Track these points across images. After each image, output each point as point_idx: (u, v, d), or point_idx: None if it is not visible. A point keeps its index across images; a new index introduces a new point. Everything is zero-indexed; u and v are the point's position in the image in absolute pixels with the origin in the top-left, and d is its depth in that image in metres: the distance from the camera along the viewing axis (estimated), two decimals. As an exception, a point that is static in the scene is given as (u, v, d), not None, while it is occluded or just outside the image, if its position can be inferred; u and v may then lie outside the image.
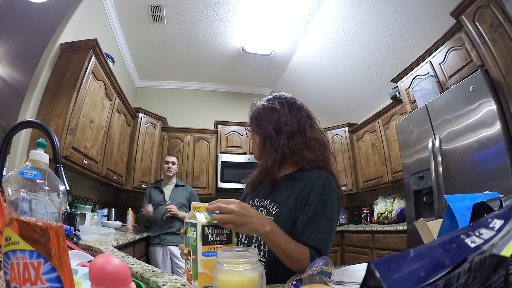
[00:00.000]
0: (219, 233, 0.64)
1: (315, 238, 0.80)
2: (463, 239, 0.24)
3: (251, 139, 1.04)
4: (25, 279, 0.38)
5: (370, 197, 3.75)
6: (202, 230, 0.62)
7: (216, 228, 0.64)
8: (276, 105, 0.96)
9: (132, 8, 3.07)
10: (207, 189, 3.87)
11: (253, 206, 0.98)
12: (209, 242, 0.62)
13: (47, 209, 0.42)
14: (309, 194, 0.86)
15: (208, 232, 0.63)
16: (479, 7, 1.95)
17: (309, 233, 0.81)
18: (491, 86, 1.82)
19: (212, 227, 0.64)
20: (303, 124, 0.94)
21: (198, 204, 0.69)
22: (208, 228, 0.63)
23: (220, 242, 0.64)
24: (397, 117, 3.05)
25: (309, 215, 0.83)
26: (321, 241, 0.81)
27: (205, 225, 0.63)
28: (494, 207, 0.50)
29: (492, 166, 1.74)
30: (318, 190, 0.86)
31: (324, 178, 0.88)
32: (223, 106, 4.69)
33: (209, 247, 0.62)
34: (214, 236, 0.64)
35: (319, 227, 0.82)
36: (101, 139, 2.60)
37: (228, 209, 0.67)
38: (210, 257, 0.61)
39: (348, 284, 0.64)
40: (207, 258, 0.61)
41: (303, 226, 0.83)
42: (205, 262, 0.61)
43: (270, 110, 0.96)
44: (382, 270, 0.20)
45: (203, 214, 0.66)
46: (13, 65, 3.86)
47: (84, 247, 1.57)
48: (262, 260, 0.86)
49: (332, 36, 3.29)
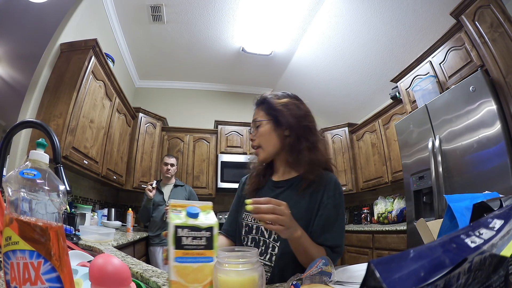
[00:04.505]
0: (196, 236, 0.54)
1: (331, 238, 0.86)
2: (463, 239, 0.24)
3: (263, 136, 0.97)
4: (25, 279, 0.38)
5: (370, 197, 3.75)
6: (175, 231, 0.52)
7: (193, 230, 0.54)
8: (297, 102, 0.98)
9: (132, 8, 3.07)
10: (207, 189, 3.87)
11: None
12: (183, 246, 0.52)
13: (47, 209, 0.42)
14: (323, 196, 0.90)
15: (182, 234, 0.53)
16: (479, 7, 1.95)
17: (327, 234, 0.86)
18: (491, 86, 1.82)
19: (188, 228, 0.53)
20: (309, 126, 0.96)
21: (177, 202, 0.59)
22: (183, 229, 0.53)
23: (197, 247, 0.53)
24: (397, 117, 3.05)
25: (325, 218, 0.87)
26: (337, 240, 0.87)
27: (179, 226, 0.53)
28: (494, 207, 0.50)
29: (492, 166, 1.74)
30: (331, 193, 0.90)
31: (334, 181, 0.92)
32: (223, 106, 4.69)
33: (183, 252, 0.52)
34: (190, 240, 0.53)
35: (335, 228, 0.87)
36: (101, 139, 2.60)
37: (282, 211, 0.67)
38: (185, 264, 0.52)
39: (348, 284, 0.64)
40: (180, 265, 0.51)
41: (320, 228, 0.87)
42: (179, 269, 0.51)
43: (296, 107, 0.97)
44: (382, 270, 0.20)
45: (180, 214, 0.56)
46: (13, 65, 3.86)
47: (84, 247, 1.56)
48: (268, 264, 0.89)
49: (332, 36, 3.29)
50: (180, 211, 0.57)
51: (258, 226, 0.95)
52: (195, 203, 0.59)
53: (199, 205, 0.59)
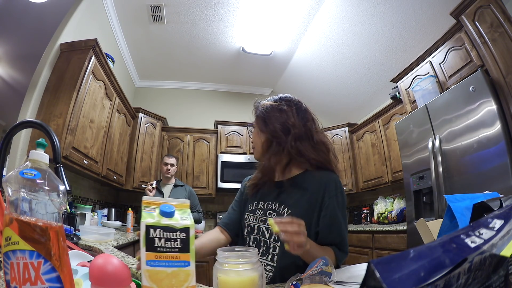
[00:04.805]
0: (171, 238, 0.48)
1: (337, 237, 0.89)
2: (463, 239, 0.24)
3: (253, 138, 1.04)
4: (25, 279, 0.38)
5: (370, 197, 3.75)
6: (147, 231, 0.47)
7: (166, 231, 0.48)
8: (284, 106, 0.97)
9: (132, 8, 3.07)
10: (207, 189, 3.87)
11: (259, 209, 0.99)
12: (156, 249, 0.47)
13: (47, 209, 0.42)
14: (323, 197, 0.90)
15: (155, 235, 0.48)
16: (479, 7, 1.95)
17: (333, 235, 0.89)
18: (491, 86, 1.82)
19: (161, 229, 0.48)
20: (309, 127, 0.97)
21: (151, 199, 0.53)
22: (155, 230, 0.48)
23: (172, 250, 0.48)
24: (397, 117, 3.04)
25: (329, 218, 0.89)
26: (343, 239, 0.90)
27: (151, 226, 0.48)
28: (494, 207, 0.50)
29: (492, 166, 1.74)
30: (332, 193, 0.90)
31: (335, 180, 0.93)
32: (223, 106, 4.69)
33: (155, 254, 0.47)
34: (163, 241, 0.48)
35: (340, 227, 0.89)
36: (101, 139, 2.60)
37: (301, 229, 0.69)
38: (158, 268, 0.47)
39: (348, 284, 0.64)
40: (153, 269, 0.47)
41: (327, 228, 0.89)
42: (151, 274, 0.46)
43: (278, 110, 0.96)
44: (382, 270, 0.20)
45: (153, 212, 0.51)
46: (13, 65, 3.86)
47: (84, 247, 1.56)
48: (271, 264, 0.90)
49: (332, 36, 3.29)
50: (154, 209, 0.52)
51: (260, 227, 0.96)
52: (170, 200, 0.54)
53: (175, 203, 0.54)
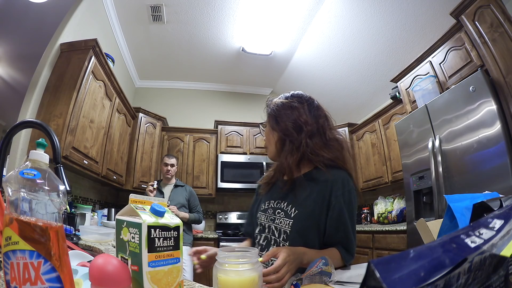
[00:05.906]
0: (166, 237, 0.50)
1: (344, 237, 0.88)
2: (463, 239, 0.24)
3: (266, 137, 1.03)
4: (25, 279, 0.38)
5: (370, 197, 3.75)
6: (148, 232, 0.47)
7: (163, 230, 0.50)
8: (295, 103, 0.96)
9: (132, 8, 3.07)
10: (207, 189, 3.87)
11: (270, 208, 0.98)
12: (156, 249, 0.48)
13: (47, 209, 0.42)
14: (330, 196, 0.88)
15: (155, 235, 0.48)
16: (479, 7, 1.95)
17: (340, 235, 0.88)
18: (491, 86, 1.82)
19: (159, 228, 0.49)
20: (322, 124, 0.96)
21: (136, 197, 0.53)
22: (155, 230, 0.48)
23: (167, 248, 0.50)
24: (397, 117, 3.04)
25: (336, 218, 0.87)
26: (349, 240, 0.88)
27: (152, 226, 0.48)
28: (494, 207, 0.50)
29: (492, 166, 1.74)
30: (339, 192, 0.88)
31: (342, 178, 0.90)
32: (223, 106, 4.69)
33: (156, 254, 0.47)
34: (161, 241, 0.49)
35: (347, 228, 0.88)
36: (101, 139, 2.60)
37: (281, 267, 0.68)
38: (158, 268, 0.47)
39: (348, 284, 0.64)
40: (154, 270, 0.46)
41: (334, 229, 0.88)
42: (153, 274, 0.46)
43: (290, 108, 0.96)
44: (382, 270, 0.20)
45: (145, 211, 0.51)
46: (13, 65, 3.86)
47: (84, 247, 1.56)
48: None
49: (332, 36, 3.29)
50: (144, 208, 0.52)
51: (270, 226, 0.96)
52: (153, 199, 0.55)
53: (156, 201, 0.55)
